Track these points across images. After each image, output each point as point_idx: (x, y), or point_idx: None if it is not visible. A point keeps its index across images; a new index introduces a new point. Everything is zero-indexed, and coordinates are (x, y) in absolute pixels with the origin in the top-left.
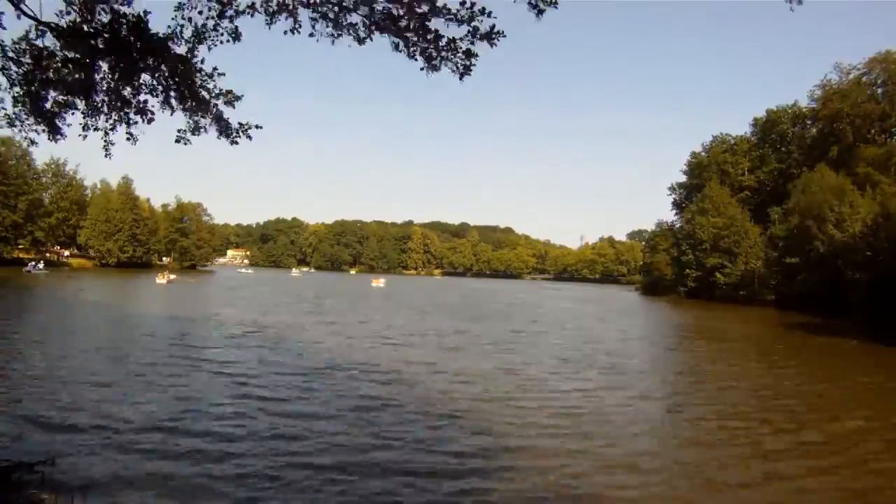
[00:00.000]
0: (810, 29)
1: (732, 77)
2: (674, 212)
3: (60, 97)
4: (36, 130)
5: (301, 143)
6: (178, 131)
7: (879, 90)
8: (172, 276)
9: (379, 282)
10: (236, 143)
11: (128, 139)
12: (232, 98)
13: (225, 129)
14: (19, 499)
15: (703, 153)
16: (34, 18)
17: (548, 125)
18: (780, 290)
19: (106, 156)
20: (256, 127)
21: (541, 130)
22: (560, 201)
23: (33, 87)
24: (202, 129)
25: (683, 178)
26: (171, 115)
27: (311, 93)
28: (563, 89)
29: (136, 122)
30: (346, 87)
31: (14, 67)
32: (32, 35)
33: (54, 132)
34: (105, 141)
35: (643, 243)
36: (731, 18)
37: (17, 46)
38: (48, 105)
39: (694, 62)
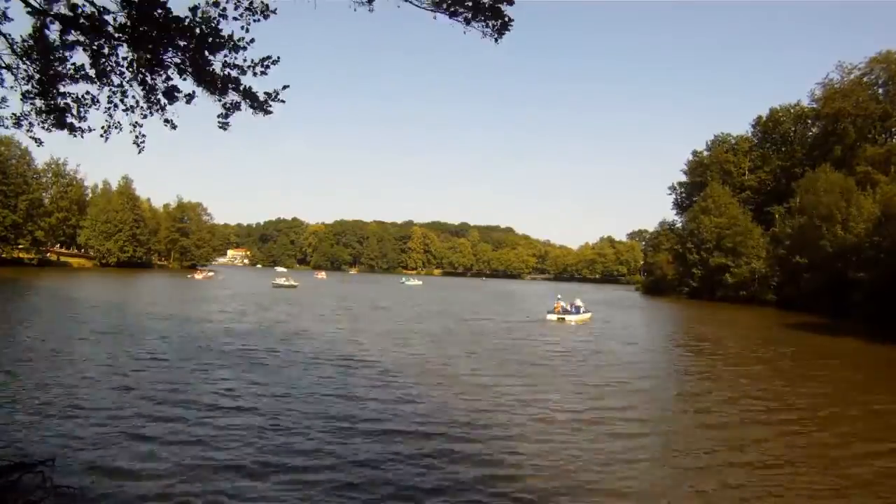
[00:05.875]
0: (813, 28)
1: (735, 76)
2: (675, 212)
3: (76, 91)
4: (45, 127)
5: (300, 142)
6: (219, 116)
7: (880, 90)
8: (210, 273)
9: (321, 274)
10: (270, 112)
11: (165, 124)
12: (268, 63)
13: (254, 101)
14: (19, 499)
15: (704, 152)
16: (39, 10)
17: (548, 124)
18: (782, 290)
19: (139, 151)
20: (284, 87)
21: (541, 130)
22: (560, 201)
23: (48, 84)
24: (238, 108)
25: (684, 178)
26: (205, 93)
27: (310, 92)
28: (563, 88)
29: (167, 106)
30: (346, 86)
31: (23, 64)
32: (42, 26)
33: (71, 129)
34: (136, 134)
35: (643, 243)
36: (733, 16)
37: (25, 43)
38: (63, 102)
39: (695, 61)
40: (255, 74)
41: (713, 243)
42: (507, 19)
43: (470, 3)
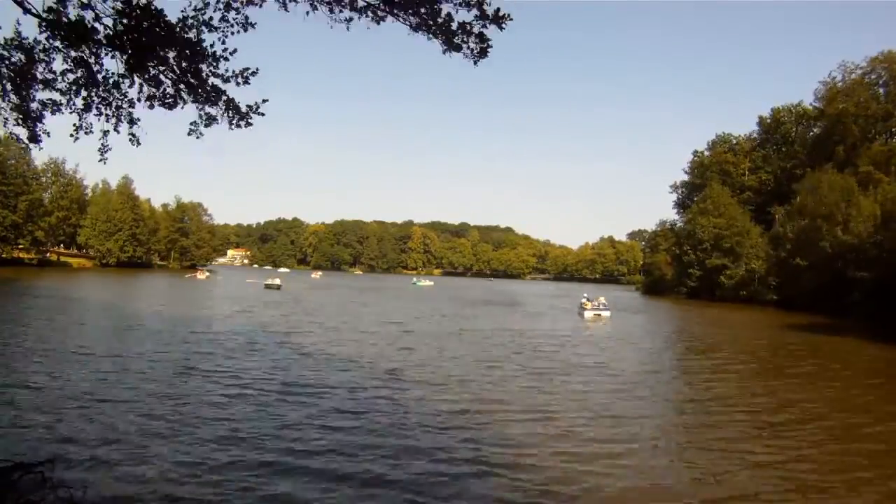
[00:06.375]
0: (817, 27)
1: (738, 75)
2: (676, 211)
3: (47, 97)
4: (17, 134)
5: (301, 142)
6: (191, 124)
7: (882, 90)
8: (208, 274)
9: (317, 274)
10: (250, 124)
11: (130, 141)
12: (248, 75)
13: (236, 113)
14: (19, 499)
15: (705, 152)
16: (34, 14)
17: (549, 124)
18: (782, 290)
19: (101, 160)
20: (264, 101)
21: (542, 129)
22: (560, 201)
23: (22, 84)
24: (215, 120)
25: (686, 178)
26: (182, 108)
27: (310, 92)
28: (563, 87)
29: (138, 121)
30: (346, 85)
31: (4, 67)
32: (25, 32)
33: (34, 138)
34: (101, 144)
35: (643, 243)
36: (736, 15)
37: (8, 44)
38: (34, 105)
39: (698, 60)
40: (237, 84)
41: (711, 243)
42: (487, 45)
43: (454, 27)
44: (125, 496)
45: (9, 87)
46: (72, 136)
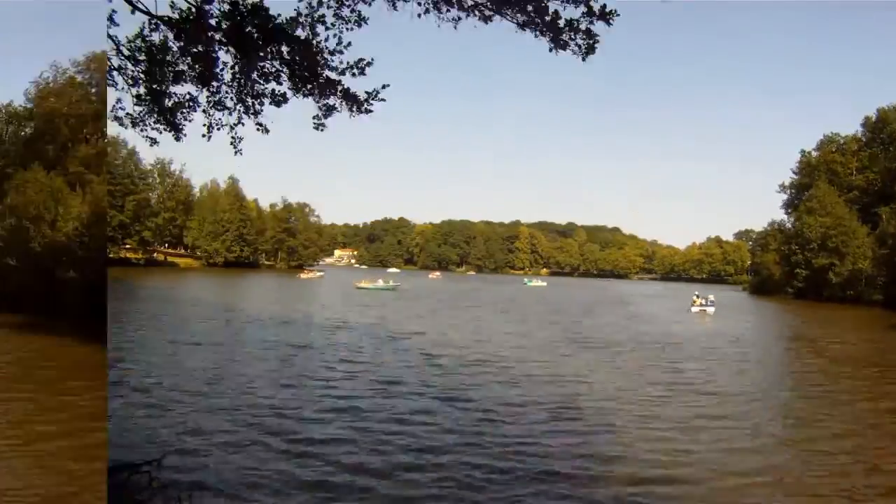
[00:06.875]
0: None
1: (849, 75)
2: (784, 211)
3: (182, 93)
4: (157, 129)
5: (404, 142)
6: (314, 118)
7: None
8: (320, 274)
9: (435, 275)
10: (370, 111)
11: (258, 129)
12: (364, 65)
13: (354, 102)
14: (127, 500)
15: (813, 152)
16: (147, 13)
17: (653, 125)
18: (888, 290)
19: (236, 153)
20: (384, 86)
21: (648, 130)
22: (668, 200)
23: (154, 85)
24: (335, 109)
25: (794, 178)
26: (304, 97)
27: (419, 91)
28: (668, 89)
29: (261, 111)
30: (456, 84)
31: (131, 66)
32: (147, 31)
33: (177, 130)
34: (233, 137)
35: (750, 243)
36: (848, 15)
37: (131, 44)
38: (169, 103)
39: (811, 60)
40: (353, 76)
41: (818, 243)
42: (595, 41)
43: (561, 24)
44: (235, 497)
45: (142, 91)
46: (204, 136)
